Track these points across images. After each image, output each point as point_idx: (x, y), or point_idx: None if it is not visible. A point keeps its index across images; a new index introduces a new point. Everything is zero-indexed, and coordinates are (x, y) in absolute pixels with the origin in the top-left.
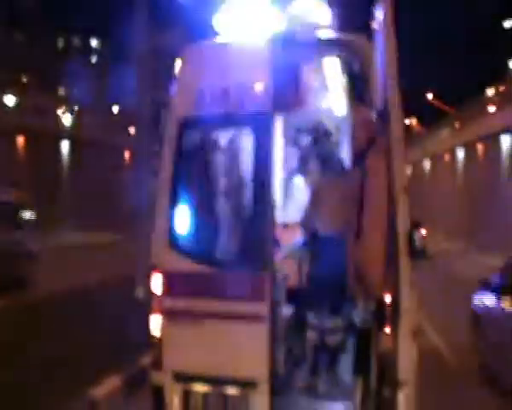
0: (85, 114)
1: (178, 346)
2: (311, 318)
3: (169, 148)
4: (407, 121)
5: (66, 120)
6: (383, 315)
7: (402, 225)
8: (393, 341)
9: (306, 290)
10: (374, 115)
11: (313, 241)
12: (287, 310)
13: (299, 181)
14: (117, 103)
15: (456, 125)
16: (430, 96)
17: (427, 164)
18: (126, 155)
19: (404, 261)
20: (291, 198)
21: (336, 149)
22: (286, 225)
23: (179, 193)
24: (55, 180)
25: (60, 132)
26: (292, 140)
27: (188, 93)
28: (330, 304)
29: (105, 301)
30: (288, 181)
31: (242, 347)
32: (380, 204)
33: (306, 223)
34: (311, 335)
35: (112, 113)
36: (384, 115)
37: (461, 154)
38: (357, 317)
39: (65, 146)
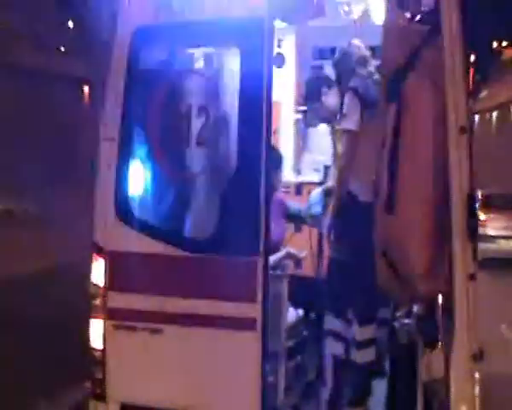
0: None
1: (130, 366)
2: (331, 323)
3: (116, 75)
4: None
5: None
6: (432, 325)
7: (457, 186)
8: (445, 364)
9: (326, 282)
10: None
11: (348, 209)
12: (293, 312)
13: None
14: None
15: None
16: None
17: None
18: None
19: (460, 243)
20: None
21: (374, 83)
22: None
23: (133, 141)
24: None
25: None
26: (307, 67)
27: None
28: (361, 304)
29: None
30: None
31: (222, 366)
32: (423, 156)
33: (339, 184)
34: (330, 348)
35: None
36: (432, 20)
37: None
38: (399, 326)
39: None
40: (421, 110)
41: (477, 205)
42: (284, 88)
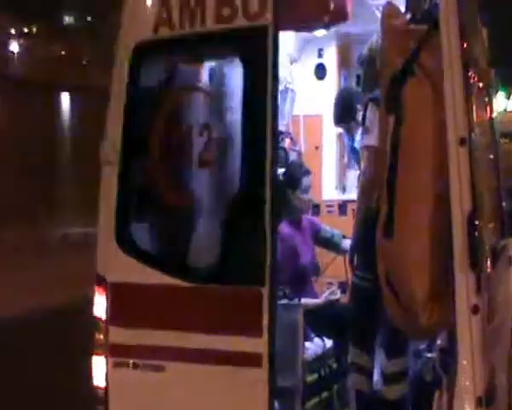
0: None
1: (133, 405)
2: (355, 355)
3: (116, 95)
4: None
5: None
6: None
7: (457, 205)
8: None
9: (349, 310)
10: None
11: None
12: (314, 346)
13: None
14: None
15: None
16: None
17: None
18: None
19: (461, 271)
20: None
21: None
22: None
23: (133, 165)
24: None
25: None
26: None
27: (143, 5)
28: (388, 334)
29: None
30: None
31: (226, 406)
32: (422, 172)
33: (361, 203)
34: (354, 383)
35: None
36: (431, 19)
37: None
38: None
39: None
40: (420, 121)
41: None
42: (326, 100)
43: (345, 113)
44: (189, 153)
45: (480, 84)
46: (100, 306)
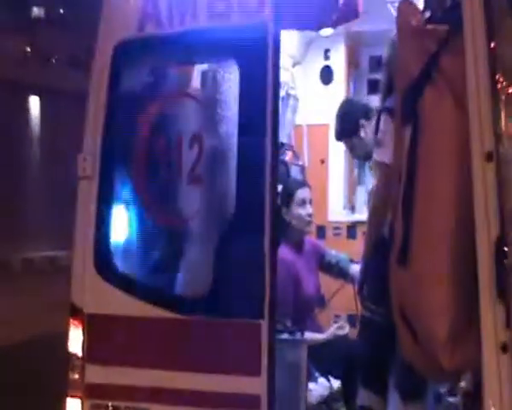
0: None
1: None
2: (365, 397)
3: (95, 100)
4: None
5: None
6: None
7: (483, 228)
8: None
9: (358, 347)
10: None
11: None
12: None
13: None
14: None
15: None
16: None
17: None
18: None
19: (488, 304)
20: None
21: None
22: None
23: (115, 180)
24: None
25: None
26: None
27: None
28: (404, 374)
29: None
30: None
31: None
32: (443, 192)
33: (372, 227)
34: None
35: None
36: (453, 18)
37: None
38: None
39: None
40: (440, 133)
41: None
42: (333, 108)
43: (346, 127)
44: (177, 168)
45: (510, 90)
46: (75, 340)
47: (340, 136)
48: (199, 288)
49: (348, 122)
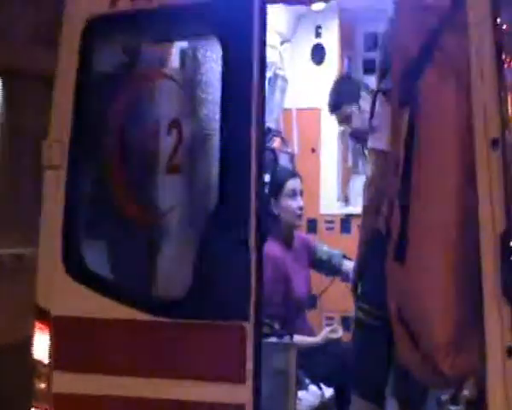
0: None
1: None
2: (359, 406)
3: (63, 82)
4: None
5: None
6: None
7: (487, 221)
8: None
9: (351, 351)
10: None
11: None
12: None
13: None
14: None
15: None
16: None
17: None
18: None
19: (492, 305)
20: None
21: None
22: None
23: (85, 170)
24: None
25: None
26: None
27: None
28: (401, 381)
29: None
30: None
31: None
32: (443, 182)
33: (366, 220)
34: None
35: None
36: None
37: None
38: None
39: None
40: (440, 119)
41: None
42: (325, 90)
43: (345, 92)
44: (154, 156)
45: None
46: (41, 346)
47: (336, 103)
48: (177, 287)
49: (349, 85)
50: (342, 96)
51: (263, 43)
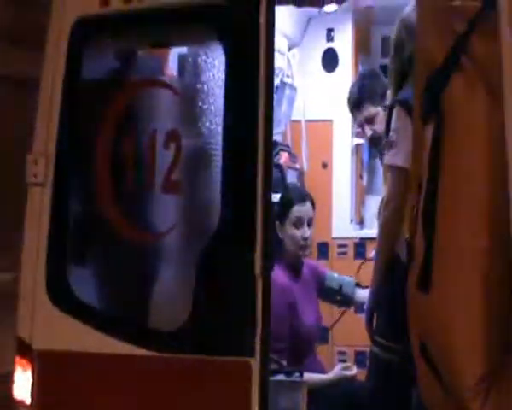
0: None
1: None
2: None
3: (49, 90)
4: None
5: None
6: None
7: None
8: None
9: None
10: None
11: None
12: None
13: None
14: None
15: None
16: None
17: None
18: None
19: None
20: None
21: None
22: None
23: (72, 187)
24: None
25: None
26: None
27: None
28: None
29: None
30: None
31: None
32: (473, 202)
33: (383, 243)
34: None
35: None
36: None
37: None
38: None
39: None
40: (469, 132)
41: None
42: (337, 100)
43: (368, 87)
44: (149, 172)
45: None
46: (22, 384)
47: (356, 100)
48: (176, 319)
49: (374, 81)
50: (364, 92)
51: (270, 49)
